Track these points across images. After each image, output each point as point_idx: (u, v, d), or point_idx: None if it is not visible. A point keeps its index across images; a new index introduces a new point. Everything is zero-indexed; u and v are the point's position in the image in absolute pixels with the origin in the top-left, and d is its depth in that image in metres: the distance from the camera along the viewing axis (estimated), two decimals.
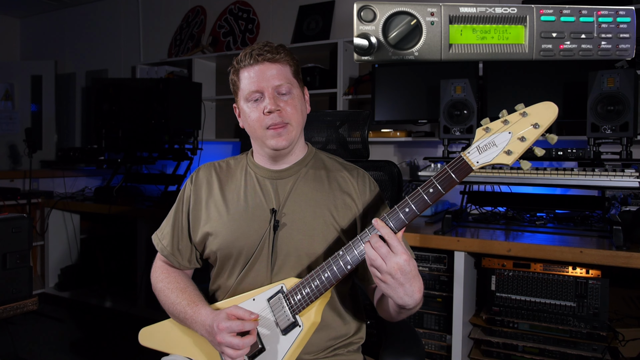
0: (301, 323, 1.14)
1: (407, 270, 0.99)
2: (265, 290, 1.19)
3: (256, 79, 1.20)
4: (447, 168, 1.03)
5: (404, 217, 1.04)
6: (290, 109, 1.21)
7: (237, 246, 1.24)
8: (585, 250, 1.83)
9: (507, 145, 0.98)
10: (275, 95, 1.20)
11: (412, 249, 1.24)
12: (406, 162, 3.09)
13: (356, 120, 1.59)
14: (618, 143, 2.05)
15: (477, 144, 1.01)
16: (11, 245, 1.61)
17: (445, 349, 2.20)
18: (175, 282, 1.31)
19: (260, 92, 1.20)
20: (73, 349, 2.92)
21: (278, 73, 1.21)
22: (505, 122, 0.99)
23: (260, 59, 1.21)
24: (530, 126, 0.97)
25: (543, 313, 2.02)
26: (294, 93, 1.23)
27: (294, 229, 1.23)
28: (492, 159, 1.00)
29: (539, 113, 0.97)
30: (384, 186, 1.53)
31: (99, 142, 3.51)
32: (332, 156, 1.37)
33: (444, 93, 2.36)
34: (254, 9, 3.88)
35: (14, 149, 4.87)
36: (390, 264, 0.99)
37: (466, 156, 1.02)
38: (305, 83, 3.76)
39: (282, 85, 1.21)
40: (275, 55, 1.21)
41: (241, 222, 1.25)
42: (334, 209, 1.24)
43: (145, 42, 4.51)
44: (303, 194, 1.26)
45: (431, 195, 1.03)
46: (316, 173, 1.30)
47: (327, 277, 1.11)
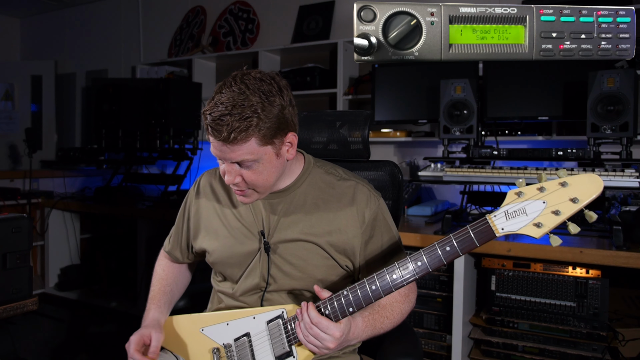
0: (295, 354, 1.13)
1: (325, 346, 1.06)
2: (267, 312, 1.18)
3: (214, 149, 1.09)
4: (469, 229, 0.96)
5: (416, 271, 1.02)
6: (252, 179, 1.11)
7: (230, 263, 1.26)
8: (585, 250, 1.83)
9: (538, 217, 0.91)
10: (234, 168, 1.10)
11: (411, 249, 1.24)
12: (406, 162, 3.09)
13: (356, 121, 1.59)
14: (618, 143, 2.05)
15: (506, 208, 0.94)
16: (11, 245, 1.61)
17: (445, 349, 2.20)
18: (160, 277, 1.41)
19: (222, 159, 1.12)
20: (73, 349, 2.92)
21: (237, 151, 1.06)
22: (542, 190, 0.91)
23: (215, 136, 1.05)
24: (568, 200, 0.89)
25: (543, 313, 2.02)
26: (260, 162, 1.09)
27: (287, 253, 1.21)
28: (519, 229, 0.93)
29: (582, 186, 0.88)
30: (385, 186, 1.53)
31: (99, 142, 3.51)
32: (329, 169, 1.27)
33: (444, 93, 2.36)
34: (254, 9, 3.88)
35: (14, 149, 4.87)
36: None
37: (491, 220, 0.95)
38: (305, 83, 3.70)
39: (243, 161, 1.08)
40: (231, 135, 1.03)
41: (233, 240, 1.25)
42: (327, 233, 1.19)
43: (145, 42, 4.51)
44: (294, 216, 1.21)
45: (447, 253, 0.99)
46: (310, 193, 1.22)
47: (328, 314, 1.08)
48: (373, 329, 1.16)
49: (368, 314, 1.15)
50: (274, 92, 1.07)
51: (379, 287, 1.05)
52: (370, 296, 1.05)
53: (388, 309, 1.18)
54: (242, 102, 1.04)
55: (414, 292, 1.25)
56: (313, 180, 1.24)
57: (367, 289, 1.05)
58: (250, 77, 1.08)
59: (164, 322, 1.30)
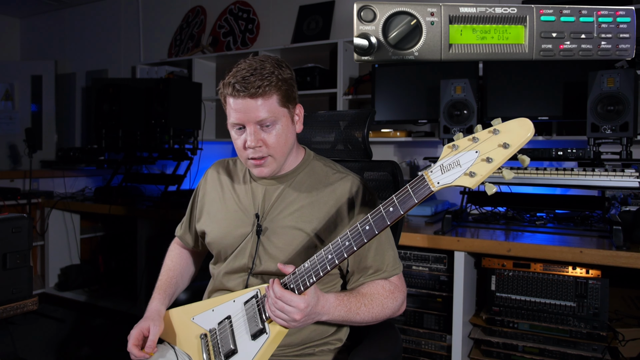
0: (268, 330, 1.15)
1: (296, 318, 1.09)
2: (244, 294, 1.22)
3: (238, 112, 1.17)
4: (408, 187, 0.98)
5: (364, 235, 1.05)
6: (273, 141, 1.19)
7: (223, 244, 1.32)
8: (585, 250, 1.83)
9: (471, 166, 0.91)
10: (257, 129, 1.18)
11: (411, 249, 1.24)
12: (406, 162, 3.09)
13: (357, 120, 1.59)
14: (618, 143, 2.05)
15: (442, 162, 0.94)
16: (11, 245, 1.61)
17: (445, 349, 2.20)
18: (168, 269, 1.47)
19: (242, 125, 1.19)
20: (73, 349, 2.92)
21: (261, 107, 1.16)
22: (474, 140, 0.91)
23: (241, 94, 1.15)
24: (498, 146, 0.89)
25: (543, 313, 2.02)
26: (279, 124, 1.19)
27: (275, 237, 1.25)
28: (452, 181, 0.93)
29: (511, 131, 0.88)
30: (386, 186, 1.53)
31: (99, 142, 3.51)
32: (328, 163, 1.35)
33: (444, 93, 2.36)
34: (254, 9, 3.88)
35: (14, 149, 4.87)
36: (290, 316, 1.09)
37: (428, 175, 0.96)
38: (305, 83, 3.71)
39: (266, 119, 1.17)
40: (258, 90, 1.14)
41: (229, 222, 1.31)
42: (318, 220, 1.24)
43: (145, 42, 4.51)
44: (289, 203, 1.27)
45: (390, 214, 1.02)
46: (306, 182, 1.29)
47: (292, 288, 1.11)
48: (348, 311, 1.18)
49: (344, 295, 1.19)
50: (282, 64, 1.21)
51: (334, 254, 1.08)
52: (326, 263, 1.08)
53: (367, 297, 1.21)
54: (260, 67, 1.16)
55: (400, 292, 1.26)
56: (311, 171, 1.31)
57: (323, 255, 1.09)
58: (259, 56, 1.23)
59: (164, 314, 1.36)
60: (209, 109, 3.93)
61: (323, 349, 1.28)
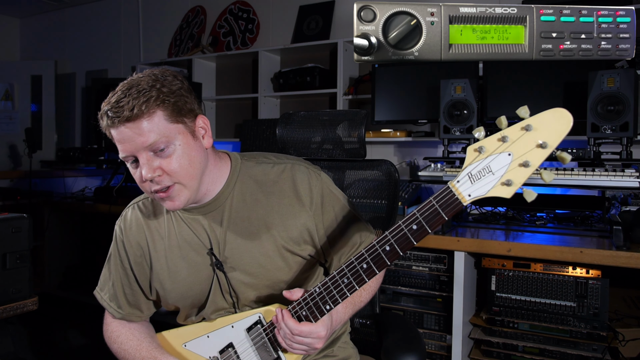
0: (284, 359, 1.10)
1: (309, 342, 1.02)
2: (243, 319, 1.13)
3: (121, 143, 1.01)
4: (433, 201, 0.84)
5: (386, 257, 0.92)
6: (174, 167, 1.01)
7: (190, 296, 1.18)
8: (585, 250, 1.83)
9: (506, 173, 0.78)
10: (150, 157, 1.00)
11: (411, 249, 1.24)
12: (406, 162, 3.09)
13: (353, 120, 1.59)
14: (618, 143, 2.05)
15: (469, 169, 0.81)
16: (11, 245, 1.61)
17: (445, 349, 2.20)
18: (127, 341, 1.26)
19: (133, 156, 1.02)
20: (73, 349, 2.92)
21: (146, 130, 0.98)
22: (504, 140, 0.79)
23: (117, 121, 0.98)
24: (535, 147, 0.76)
25: (543, 313, 2.02)
26: (174, 144, 1.01)
27: (244, 264, 1.13)
28: (487, 192, 0.80)
29: (547, 126, 0.76)
30: (381, 186, 1.52)
31: (99, 142, 3.51)
32: (261, 160, 1.20)
33: (444, 93, 2.36)
34: (254, 9, 3.88)
35: (14, 149, 4.87)
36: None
37: (455, 187, 0.82)
38: (305, 83, 3.70)
39: (155, 142, 0.99)
40: (132, 112, 0.97)
41: (187, 272, 1.16)
42: (279, 227, 1.12)
43: (145, 42, 4.51)
44: (239, 223, 1.13)
45: (415, 232, 0.88)
46: (247, 193, 1.14)
47: (305, 315, 1.03)
48: (354, 307, 1.15)
49: None
50: (167, 75, 1.05)
51: (352, 280, 0.97)
52: (344, 291, 0.98)
53: None
54: (136, 84, 1.01)
55: None
56: (246, 177, 1.16)
57: (340, 283, 0.98)
58: (140, 73, 1.07)
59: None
60: (209, 109, 3.93)
61: (340, 345, 1.27)
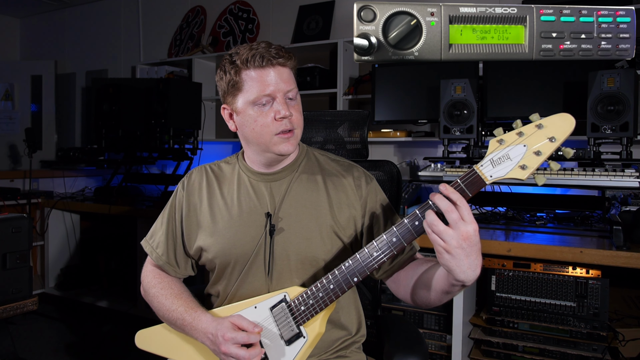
0: (306, 334, 1.13)
1: (475, 241, 0.93)
2: (268, 299, 1.16)
3: (268, 83, 1.13)
4: (459, 181, 0.98)
5: (414, 231, 1.01)
6: (296, 115, 1.18)
7: (233, 254, 1.21)
8: (585, 250, 1.83)
9: (522, 159, 0.95)
10: (286, 100, 1.16)
11: None
12: (406, 162, 3.09)
13: (356, 120, 1.59)
14: (618, 143, 2.05)
15: (491, 156, 0.97)
16: (11, 245, 1.61)
17: (446, 349, 2.20)
18: (169, 287, 1.28)
19: (272, 97, 1.14)
20: (73, 349, 2.92)
21: (289, 77, 1.16)
22: (520, 135, 0.95)
23: (274, 62, 1.14)
24: (546, 139, 0.93)
25: (543, 313, 2.02)
26: (298, 98, 1.20)
27: (292, 233, 1.20)
28: (506, 174, 0.96)
29: (555, 125, 0.93)
30: (383, 186, 1.53)
31: (99, 142, 3.51)
32: (323, 152, 1.34)
33: (444, 93, 2.36)
34: (254, 9, 3.88)
35: (14, 149, 4.87)
36: (459, 232, 0.92)
37: (479, 170, 0.97)
38: (305, 83, 3.72)
39: (292, 90, 1.17)
40: (287, 60, 1.15)
41: (236, 229, 1.22)
42: (331, 209, 1.21)
43: (145, 42, 4.51)
44: (298, 196, 1.22)
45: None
46: (310, 173, 1.26)
47: (333, 289, 1.09)
48: None
49: None
50: None
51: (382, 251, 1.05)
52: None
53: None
54: (269, 44, 1.17)
55: None
56: (311, 160, 1.29)
57: (367, 253, 1.06)
58: None
59: (164, 328, 1.30)
60: (209, 109, 3.93)
61: (353, 349, 1.27)
